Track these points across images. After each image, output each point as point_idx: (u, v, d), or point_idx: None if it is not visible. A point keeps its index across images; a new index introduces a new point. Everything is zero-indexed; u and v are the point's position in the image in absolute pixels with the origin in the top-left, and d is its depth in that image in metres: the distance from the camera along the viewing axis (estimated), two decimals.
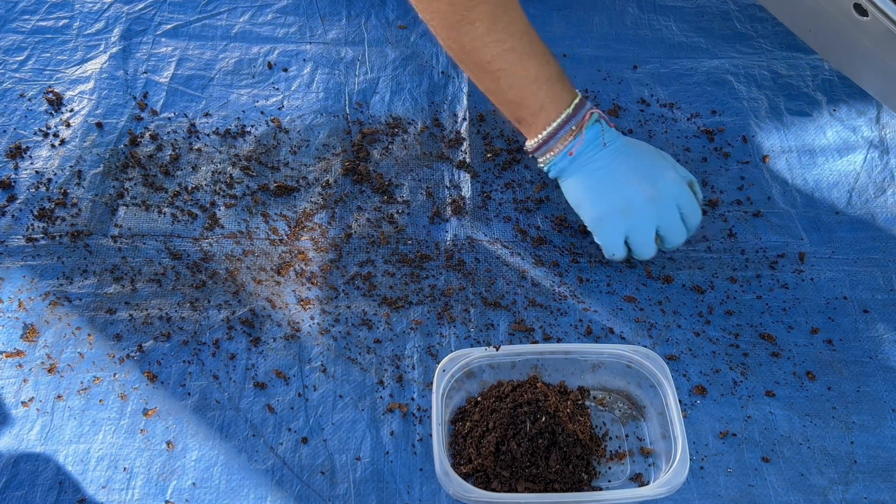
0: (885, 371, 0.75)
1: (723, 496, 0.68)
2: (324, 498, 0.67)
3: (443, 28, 0.74)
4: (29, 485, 0.66)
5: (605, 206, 0.75)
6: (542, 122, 0.76)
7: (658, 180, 0.75)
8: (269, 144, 0.90)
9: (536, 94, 0.75)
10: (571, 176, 0.77)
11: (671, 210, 0.75)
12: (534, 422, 0.67)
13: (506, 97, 0.76)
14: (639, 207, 0.75)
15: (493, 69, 0.74)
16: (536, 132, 0.76)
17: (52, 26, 0.98)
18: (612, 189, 0.75)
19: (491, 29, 0.72)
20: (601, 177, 0.75)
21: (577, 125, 0.75)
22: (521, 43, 0.74)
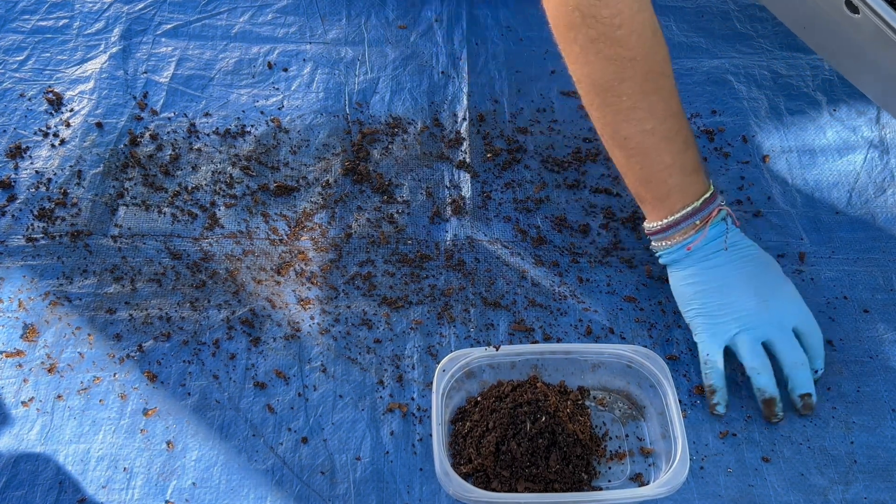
0: (885, 371, 0.75)
1: (723, 496, 0.68)
2: (324, 498, 0.67)
3: (589, 93, 0.70)
4: (29, 485, 0.66)
5: (712, 308, 0.72)
6: (665, 210, 0.73)
7: (774, 293, 0.72)
8: (269, 144, 0.90)
9: (666, 181, 0.71)
10: (684, 269, 0.74)
11: (784, 327, 0.71)
12: (534, 422, 0.67)
13: (635, 175, 0.73)
14: (749, 317, 0.71)
15: (628, 146, 0.71)
16: (658, 218, 0.73)
17: (52, 26, 0.98)
18: (723, 294, 0.72)
19: (636, 106, 0.68)
20: (714, 277, 0.72)
21: (701, 220, 0.72)
22: (664, 126, 0.70)
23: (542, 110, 0.94)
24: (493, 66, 0.98)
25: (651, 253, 0.78)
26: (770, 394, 0.70)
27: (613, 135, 0.71)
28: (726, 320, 0.71)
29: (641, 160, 0.71)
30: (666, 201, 0.72)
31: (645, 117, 0.69)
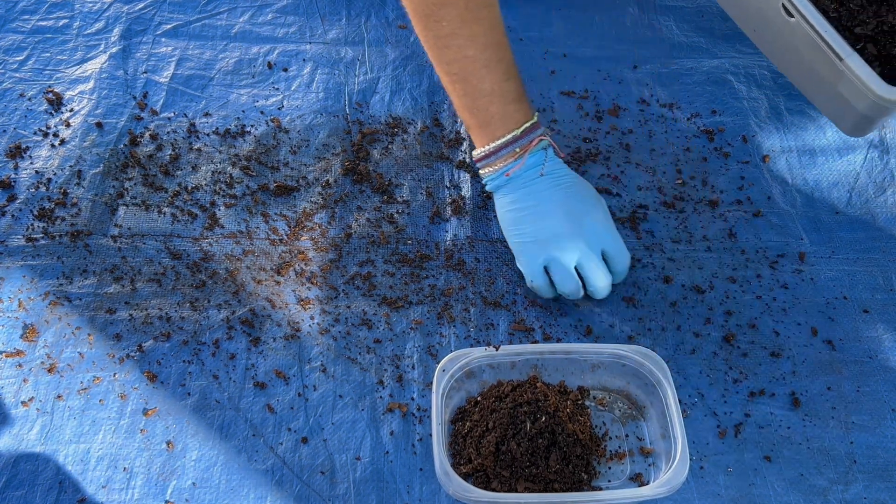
0: (885, 371, 0.75)
1: (723, 496, 0.68)
2: (324, 498, 0.67)
3: (414, 18, 0.74)
4: (29, 484, 0.66)
5: (528, 233, 0.76)
6: (487, 137, 0.76)
7: (584, 217, 0.75)
8: (268, 144, 0.90)
9: (487, 109, 0.75)
10: (504, 196, 0.77)
11: (593, 249, 0.75)
12: (534, 422, 0.67)
13: (460, 101, 0.77)
14: (559, 240, 0.74)
15: (450, 72, 0.75)
16: (481, 144, 0.77)
17: (51, 26, 0.98)
18: (537, 218, 0.75)
19: (456, 32, 0.72)
20: (530, 204, 0.76)
21: (521, 148, 0.76)
22: (484, 54, 0.73)
23: (541, 110, 0.94)
24: None
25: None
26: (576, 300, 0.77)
27: (437, 60, 0.75)
28: (541, 244, 0.75)
29: (463, 86, 0.75)
30: (488, 128, 0.76)
31: (465, 44, 0.72)
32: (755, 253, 0.83)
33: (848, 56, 0.71)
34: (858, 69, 0.71)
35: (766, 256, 0.83)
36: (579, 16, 1.03)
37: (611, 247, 0.76)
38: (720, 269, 0.82)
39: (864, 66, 0.71)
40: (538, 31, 1.02)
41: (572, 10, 1.04)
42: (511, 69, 0.75)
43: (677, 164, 0.90)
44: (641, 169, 0.89)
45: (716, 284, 0.81)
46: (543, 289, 0.77)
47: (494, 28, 0.73)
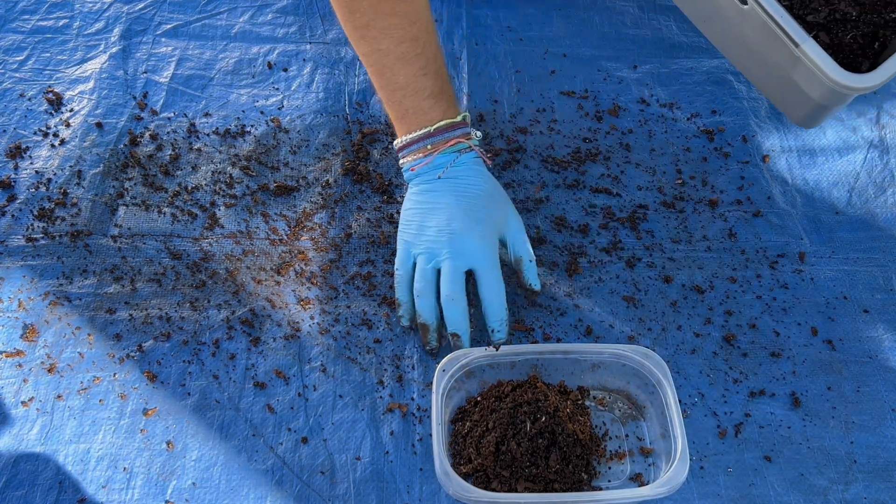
0: (885, 371, 0.75)
1: (723, 496, 0.68)
2: (324, 498, 0.67)
3: (335, 6, 0.74)
4: (29, 485, 0.66)
5: (411, 228, 0.75)
6: (402, 130, 0.77)
7: (464, 231, 0.73)
8: (268, 144, 0.90)
9: (401, 102, 0.75)
10: (411, 189, 0.78)
11: (455, 262, 0.72)
12: (534, 422, 0.67)
13: (378, 91, 0.77)
14: (429, 243, 0.73)
15: (367, 63, 0.75)
16: (398, 136, 0.77)
17: (51, 26, 0.98)
18: (422, 217, 0.75)
19: (370, 24, 0.72)
20: (424, 201, 0.75)
21: (432, 146, 0.75)
22: (398, 48, 0.72)
23: (541, 110, 0.94)
24: (492, 66, 0.98)
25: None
26: (424, 319, 0.74)
27: (356, 49, 0.76)
28: (416, 241, 0.75)
29: (378, 78, 0.75)
30: (403, 121, 0.76)
31: (379, 36, 0.72)
32: (755, 253, 0.83)
33: (803, 41, 0.70)
34: (814, 55, 0.70)
35: (766, 256, 0.83)
36: (579, 16, 1.03)
37: (479, 267, 0.73)
38: (720, 269, 0.82)
39: (819, 51, 0.70)
40: (538, 31, 1.02)
41: (572, 10, 1.04)
42: (430, 65, 0.74)
43: (677, 164, 0.90)
44: (641, 169, 0.89)
45: (716, 284, 0.81)
46: (402, 285, 0.75)
47: (414, 23, 0.72)
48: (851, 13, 0.74)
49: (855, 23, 0.74)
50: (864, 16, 0.74)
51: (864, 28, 0.74)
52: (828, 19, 0.74)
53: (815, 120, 0.80)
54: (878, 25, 0.74)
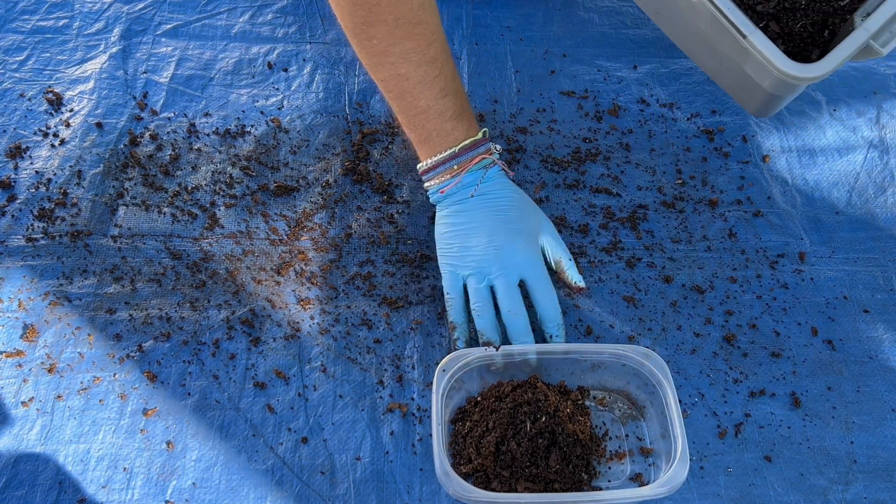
0: (885, 371, 0.75)
1: (723, 496, 0.68)
2: (324, 498, 0.67)
3: (348, 34, 0.73)
4: (29, 485, 0.66)
5: (453, 249, 0.76)
6: (426, 153, 0.77)
7: (507, 243, 0.74)
8: (268, 144, 0.90)
9: (424, 125, 0.75)
10: (442, 211, 0.78)
11: (506, 275, 0.74)
12: (534, 422, 0.67)
13: (398, 116, 0.77)
14: (476, 261, 0.74)
15: (386, 88, 0.75)
16: (423, 158, 0.78)
17: (51, 26, 0.98)
18: (462, 237, 0.75)
19: (387, 51, 0.71)
20: (460, 221, 0.76)
21: (459, 166, 0.76)
22: (417, 72, 0.72)
23: (541, 110, 0.94)
24: (492, 66, 0.98)
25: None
26: (487, 337, 0.73)
27: (373, 76, 0.75)
28: (462, 262, 0.75)
29: (399, 103, 0.75)
30: (427, 144, 0.76)
31: (397, 62, 0.72)
32: (755, 253, 0.83)
33: (751, 33, 0.70)
34: (762, 46, 0.70)
35: (766, 256, 0.83)
36: (579, 16, 1.03)
37: (530, 277, 0.74)
38: (720, 269, 0.82)
39: (767, 42, 0.70)
40: (538, 31, 1.02)
41: (572, 9, 1.04)
42: (449, 85, 0.74)
43: (677, 164, 0.90)
44: (641, 169, 0.89)
45: (716, 284, 0.81)
46: (455, 306, 0.75)
47: (431, 44, 0.72)
48: (801, 2, 0.74)
49: (804, 11, 0.74)
50: (813, 4, 0.74)
51: (814, 16, 0.74)
52: (777, 8, 0.75)
53: (770, 109, 0.80)
54: (827, 13, 0.74)
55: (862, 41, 0.69)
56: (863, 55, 0.71)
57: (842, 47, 0.70)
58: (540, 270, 0.75)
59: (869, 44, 0.70)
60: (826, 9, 0.74)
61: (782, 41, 0.75)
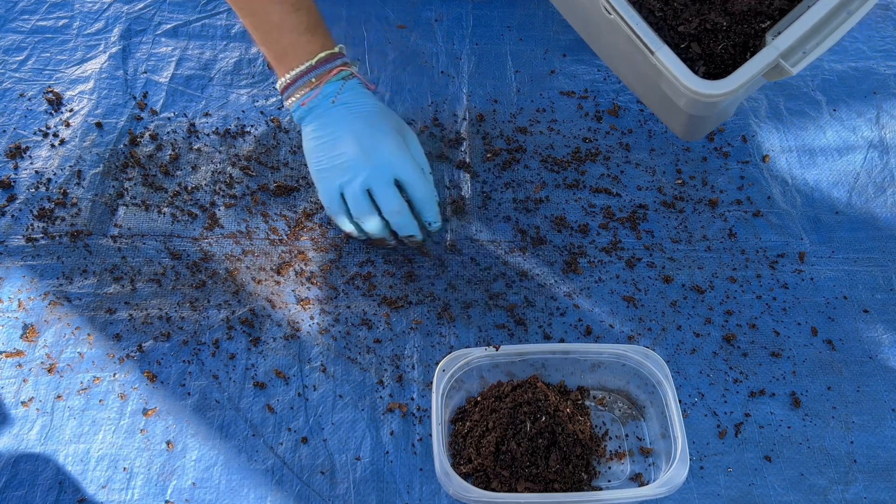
0: (885, 371, 0.75)
1: (723, 496, 0.68)
2: (324, 498, 0.67)
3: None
4: (29, 485, 0.66)
5: (323, 161, 0.77)
6: (283, 69, 0.77)
7: (376, 146, 0.75)
8: (268, 144, 0.90)
9: (279, 41, 0.76)
10: (306, 125, 0.78)
11: (382, 176, 0.75)
12: (534, 422, 0.67)
13: (254, 35, 0.78)
14: (349, 167, 0.75)
15: (238, 6, 0.77)
16: (280, 76, 0.78)
17: (51, 26, 0.98)
18: (330, 146, 0.76)
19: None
20: (325, 133, 0.77)
21: (317, 78, 0.77)
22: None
23: (541, 110, 0.94)
24: (492, 66, 0.98)
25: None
26: (377, 236, 0.78)
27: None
28: (334, 172, 0.76)
29: (251, 19, 0.77)
30: (283, 60, 0.77)
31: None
32: (755, 253, 0.83)
33: (658, 49, 0.70)
34: (669, 62, 0.69)
35: (766, 256, 0.83)
36: None
37: (403, 175, 0.76)
38: (720, 269, 0.82)
39: (674, 58, 0.69)
40: (538, 31, 1.02)
41: None
42: (301, 1, 0.76)
43: (677, 164, 0.90)
44: (641, 169, 0.89)
45: (716, 284, 0.81)
46: (340, 217, 0.78)
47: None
48: (722, 23, 0.74)
49: (726, 33, 0.74)
50: (734, 26, 0.74)
51: (735, 38, 0.74)
52: (699, 29, 0.74)
53: (695, 131, 0.80)
54: (749, 35, 0.74)
55: (771, 59, 0.68)
56: (774, 74, 0.70)
57: (749, 65, 0.69)
58: (412, 167, 0.76)
59: (779, 62, 0.69)
60: (748, 31, 0.74)
61: (703, 62, 0.74)
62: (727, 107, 0.76)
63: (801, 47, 0.69)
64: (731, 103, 0.76)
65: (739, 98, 0.77)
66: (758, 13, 0.74)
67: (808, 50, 0.70)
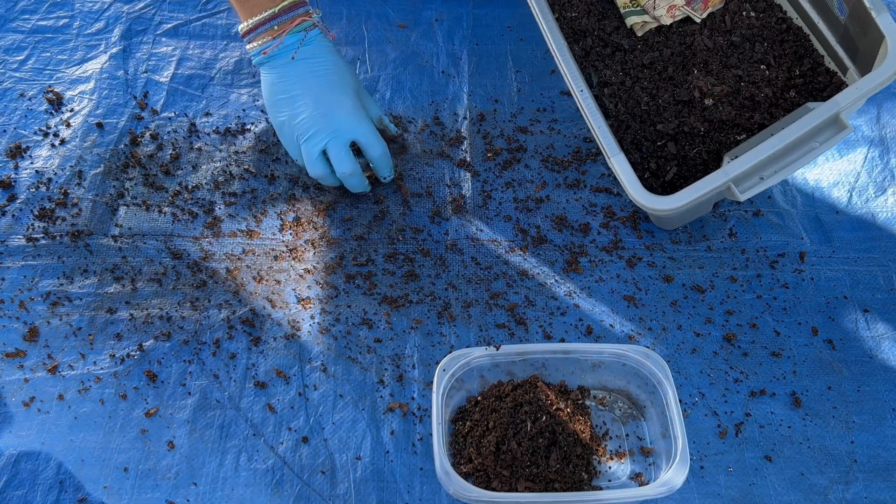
0: (885, 371, 0.75)
1: (723, 496, 0.68)
2: (324, 497, 0.67)
3: None
4: (29, 484, 0.66)
5: (283, 116, 0.79)
6: (246, 13, 0.78)
7: (332, 108, 0.77)
8: (269, 143, 0.90)
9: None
10: (266, 75, 0.79)
11: (339, 139, 0.78)
12: (534, 421, 0.67)
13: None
14: (307, 128, 0.77)
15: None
16: (243, 20, 0.79)
17: (52, 26, 0.98)
18: (289, 104, 0.78)
19: None
20: (284, 89, 0.78)
21: (279, 27, 0.77)
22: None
23: (542, 110, 0.94)
24: (493, 66, 0.98)
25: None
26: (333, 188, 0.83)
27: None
28: (294, 129, 0.78)
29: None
30: (246, 4, 0.78)
31: None
32: (755, 252, 0.83)
33: (614, 155, 0.73)
34: (621, 171, 0.72)
35: (767, 256, 0.83)
36: None
37: (360, 137, 0.79)
38: (720, 269, 0.82)
39: (627, 168, 0.72)
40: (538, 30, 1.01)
41: None
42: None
43: None
44: None
45: (716, 284, 0.81)
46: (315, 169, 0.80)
47: None
48: (700, 129, 0.75)
49: (703, 138, 0.76)
50: (712, 133, 0.76)
51: (710, 145, 0.76)
52: (677, 131, 0.76)
53: (669, 225, 0.82)
54: (724, 145, 0.76)
55: (720, 182, 0.69)
56: (726, 194, 0.71)
57: (698, 185, 0.70)
58: (367, 129, 0.79)
59: (729, 186, 0.70)
60: (723, 139, 0.75)
61: (676, 163, 0.76)
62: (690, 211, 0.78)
63: (756, 173, 0.70)
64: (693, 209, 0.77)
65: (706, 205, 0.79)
66: (736, 125, 0.75)
67: (766, 177, 0.70)
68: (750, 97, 0.75)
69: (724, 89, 0.75)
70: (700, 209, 0.80)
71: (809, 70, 0.76)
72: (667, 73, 0.77)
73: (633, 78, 0.78)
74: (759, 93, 0.75)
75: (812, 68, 0.76)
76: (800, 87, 0.76)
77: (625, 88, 0.78)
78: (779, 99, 0.76)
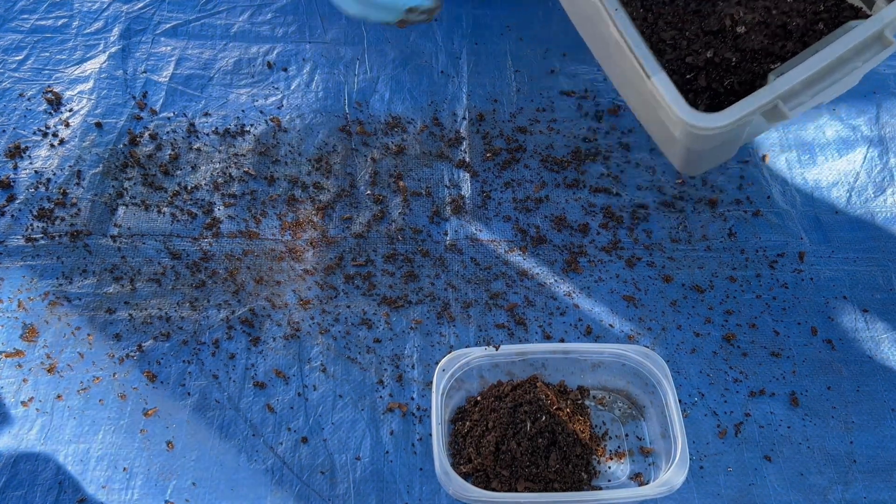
0: (885, 371, 0.75)
1: (722, 495, 0.68)
2: (324, 498, 0.67)
3: None
4: (29, 484, 0.66)
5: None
6: None
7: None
8: (268, 143, 0.89)
9: None
10: None
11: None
12: (534, 421, 0.67)
13: None
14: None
15: None
16: None
17: (51, 25, 0.98)
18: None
19: None
20: None
21: None
22: None
23: (541, 110, 0.94)
24: (492, 66, 0.98)
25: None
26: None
27: None
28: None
29: None
30: None
31: None
32: (755, 252, 0.83)
33: (655, 73, 0.67)
34: (663, 89, 0.67)
35: (766, 256, 0.83)
36: None
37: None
38: (720, 269, 0.82)
39: (670, 86, 0.67)
40: (538, 30, 1.02)
41: None
42: None
43: None
44: (641, 168, 0.89)
45: (716, 284, 0.81)
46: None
47: None
48: (731, 59, 0.72)
49: (735, 70, 0.72)
50: (744, 63, 0.72)
51: (743, 75, 0.72)
52: (708, 63, 0.72)
53: (693, 166, 0.77)
54: (757, 74, 0.72)
55: (767, 100, 0.66)
56: (772, 116, 0.68)
57: (744, 103, 0.67)
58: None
59: (777, 104, 0.67)
60: (756, 70, 0.73)
61: (707, 96, 0.73)
62: (725, 144, 0.74)
63: (799, 93, 0.67)
64: (729, 141, 0.74)
65: (740, 139, 0.76)
66: (769, 53, 0.72)
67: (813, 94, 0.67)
68: (782, 25, 0.72)
69: (756, 17, 0.71)
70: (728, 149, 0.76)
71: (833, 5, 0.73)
72: (691, 7, 0.74)
73: (654, 14, 0.75)
74: (791, 21, 0.72)
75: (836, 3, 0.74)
76: (826, 21, 0.73)
77: (647, 24, 0.75)
78: (809, 30, 0.72)
